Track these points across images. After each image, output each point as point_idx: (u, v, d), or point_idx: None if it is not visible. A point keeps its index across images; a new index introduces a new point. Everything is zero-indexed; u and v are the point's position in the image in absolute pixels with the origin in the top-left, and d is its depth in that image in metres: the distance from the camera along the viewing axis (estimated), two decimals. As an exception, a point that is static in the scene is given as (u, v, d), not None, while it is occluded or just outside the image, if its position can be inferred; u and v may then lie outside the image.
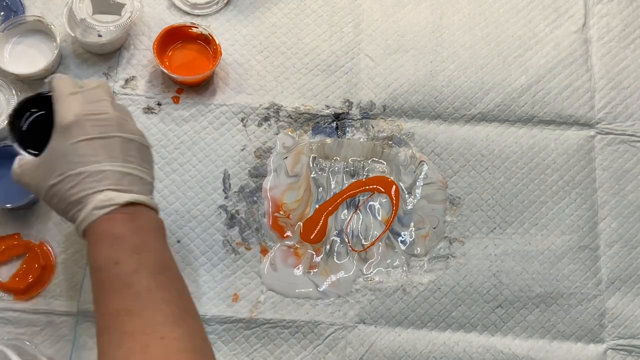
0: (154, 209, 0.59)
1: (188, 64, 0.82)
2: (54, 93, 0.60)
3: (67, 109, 0.57)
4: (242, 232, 0.77)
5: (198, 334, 0.54)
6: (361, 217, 0.78)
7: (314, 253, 0.77)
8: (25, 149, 0.62)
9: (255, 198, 0.78)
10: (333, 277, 0.76)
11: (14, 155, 0.75)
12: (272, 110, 0.82)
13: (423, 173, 0.80)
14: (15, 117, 0.63)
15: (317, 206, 0.78)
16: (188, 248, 0.76)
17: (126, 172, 0.57)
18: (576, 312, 0.76)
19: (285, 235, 0.77)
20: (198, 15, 0.85)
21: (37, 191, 0.59)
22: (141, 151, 0.60)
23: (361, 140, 0.81)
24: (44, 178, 0.57)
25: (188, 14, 0.85)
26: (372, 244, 0.77)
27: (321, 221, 0.78)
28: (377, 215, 0.78)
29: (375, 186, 0.79)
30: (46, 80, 0.62)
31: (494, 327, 0.75)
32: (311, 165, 0.80)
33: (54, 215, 0.76)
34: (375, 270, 0.76)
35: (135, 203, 0.56)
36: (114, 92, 0.81)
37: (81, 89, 0.59)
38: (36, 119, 0.63)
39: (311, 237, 0.77)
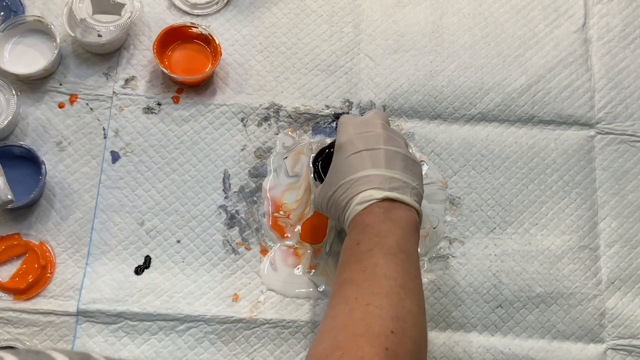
0: (414, 209, 0.63)
1: (188, 64, 0.82)
2: (338, 124, 0.69)
3: (343, 132, 0.66)
4: (242, 232, 0.77)
5: (405, 307, 0.56)
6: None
7: (314, 253, 0.77)
8: (319, 180, 0.72)
9: (255, 198, 0.78)
10: (333, 277, 0.76)
11: (14, 155, 0.75)
12: (272, 110, 0.82)
13: (423, 173, 0.80)
14: (316, 158, 0.73)
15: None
16: (188, 248, 0.76)
17: (389, 176, 0.63)
18: (576, 312, 0.76)
19: (285, 235, 0.77)
20: (198, 15, 0.85)
21: (324, 209, 0.67)
22: (406, 161, 0.65)
23: (361, 140, 0.81)
24: (326, 194, 0.66)
25: (188, 14, 0.85)
26: (372, 244, 0.77)
27: (322, 223, 0.78)
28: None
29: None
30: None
31: (494, 327, 0.75)
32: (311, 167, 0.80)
33: (54, 215, 0.76)
34: (375, 270, 0.76)
35: (394, 200, 0.62)
36: (114, 92, 0.81)
37: (352, 116, 0.68)
38: (328, 156, 0.72)
39: (311, 238, 0.77)
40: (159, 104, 0.81)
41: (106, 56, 0.82)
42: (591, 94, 0.84)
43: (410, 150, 0.67)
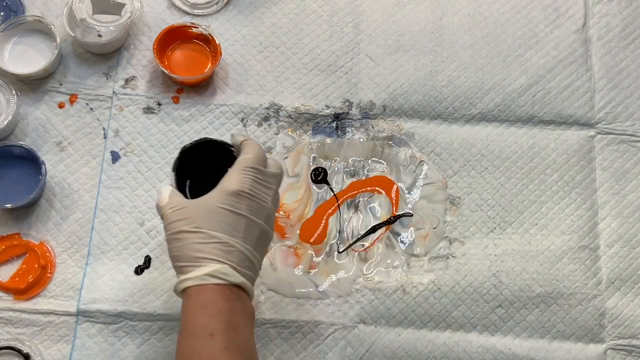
0: (251, 298, 0.60)
1: (188, 64, 0.82)
2: (238, 154, 0.61)
3: (238, 180, 0.59)
4: (242, 232, 0.77)
5: None
6: (361, 217, 0.78)
7: (314, 253, 0.77)
8: (179, 186, 0.63)
9: (255, 198, 0.78)
10: (333, 277, 0.76)
11: (14, 155, 0.75)
12: (272, 110, 0.82)
13: (423, 173, 0.80)
14: (183, 157, 0.64)
15: (316, 206, 0.78)
16: (188, 248, 0.76)
17: (249, 258, 0.59)
18: (576, 312, 0.76)
19: (285, 235, 0.77)
20: (198, 15, 0.85)
21: (167, 226, 0.59)
22: (267, 245, 0.62)
23: (361, 140, 0.81)
24: (180, 221, 0.58)
25: (188, 14, 0.85)
26: (372, 244, 0.77)
27: (322, 223, 0.78)
28: (377, 215, 0.78)
29: (375, 187, 0.79)
30: (234, 134, 0.63)
31: (494, 327, 0.75)
32: (311, 165, 0.80)
33: (54, 215, 0.76)
34: (375, 270, 0.76)
35: (242, 287, 0.58)
36: (114, 92, 0.81)
37: (261, 167, 0.60)
38: (202, 164, 0.64)
39: (311, 240, 0.77)
40: (159, 104, 0.81)
41: (106, 56, 0.83)
42: (591, 94, 0.84)
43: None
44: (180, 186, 0.63)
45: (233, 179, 0.59)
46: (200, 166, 0.64)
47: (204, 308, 0.56)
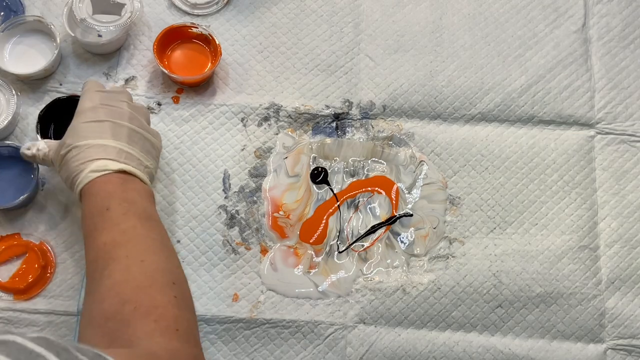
0: (145, 183, 0.66)
1: (188, 64, 0.82)
2: (82, 90, 0.69)
3: (88, 99, 0.67)
4: (242, 232, 0.77)
5: (175, 262, 0.62)
6: (361, 217, 0.78)
7: (314, 253, 0.77)
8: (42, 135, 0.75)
9: (255, 198, 0.78)
10: (333, 277, 0.76)
11: (4, 156, 0.75)
12: (272, 110, 0.82)
13: (423, 173, 0.80)
14: (45, 112, 0.76)
15: (316, 206, 0.78)
16: (188, 248, 0.76)
17: (126, 151, 0.65)
18: (576, 312, 0.76)
19: (285, 235, 0.77)
20: (198, 15, 0.85)
21: (55, 165, 0.67)
22: (145, 142, 0.67)
23: (361, 140, 0.81)
24: (58, 152, 0.65)
25: (188, 14, 0.85)
26: (372, 244, 0.77)
27: (322, 223, 0.78)
28: (377, 215, 0.78)
29: (375, 187, 0.79)
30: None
31: (494, 327, 0.75)
32: (311, 165, 0.80)
33: (54, 215, 0.76)
34: (375, 270, 0.76)
35: (128, 173, 0.64)
36: (114, 92, 0.81)
37: (102, 89, 0.69)
38: (62, 118, 0.73)
39: (311, 240, 0.77)
40: (159, 104, 0.81)
41: (106, 56, 0.82)
42: (591, 94, 0.84)
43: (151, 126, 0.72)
44: (44, 135, 0.75)
45: (84, 101, 0.67)
46: (60, 120, 0.74)
47: (96, 195, 0.62)
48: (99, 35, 0.79)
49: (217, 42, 0.80)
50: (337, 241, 0.77)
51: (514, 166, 0.81)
